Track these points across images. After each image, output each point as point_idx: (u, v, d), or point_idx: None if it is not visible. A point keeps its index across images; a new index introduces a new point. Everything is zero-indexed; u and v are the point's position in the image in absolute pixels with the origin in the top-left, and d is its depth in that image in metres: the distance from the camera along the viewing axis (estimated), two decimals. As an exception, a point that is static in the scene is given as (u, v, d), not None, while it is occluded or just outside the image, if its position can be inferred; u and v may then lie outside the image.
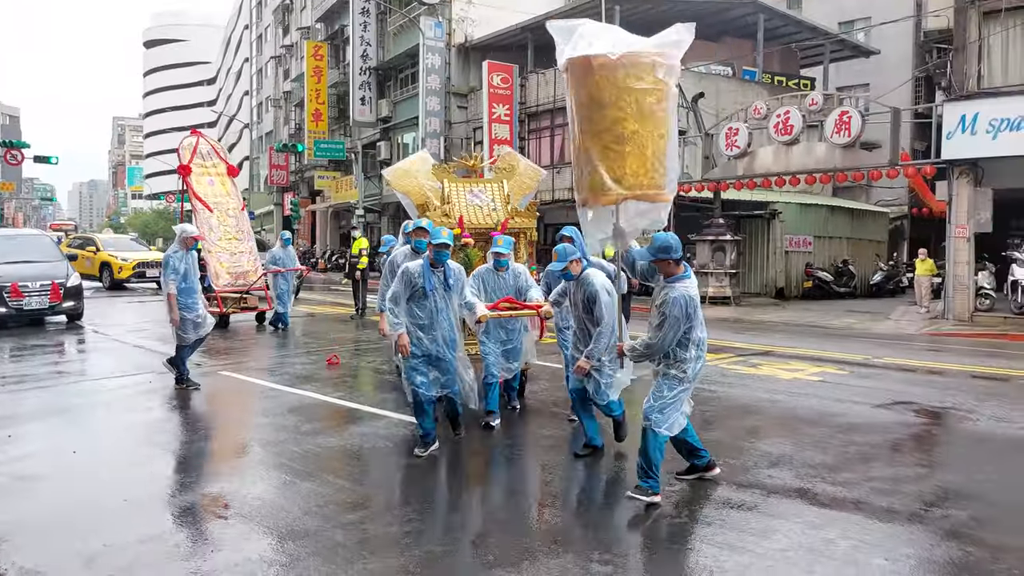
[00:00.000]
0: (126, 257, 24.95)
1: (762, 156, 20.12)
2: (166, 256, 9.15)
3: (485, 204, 8.86)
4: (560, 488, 6.02)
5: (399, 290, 6.31)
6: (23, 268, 14.93)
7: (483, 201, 8.84)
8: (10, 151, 40.27)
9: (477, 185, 8.98)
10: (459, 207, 8.68)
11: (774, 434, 7.44)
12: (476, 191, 8.86)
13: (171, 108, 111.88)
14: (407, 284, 6.31)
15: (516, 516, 5.42)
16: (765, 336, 14.85)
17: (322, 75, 41.37)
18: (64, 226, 64.65)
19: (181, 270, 8.94)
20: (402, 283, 6.31)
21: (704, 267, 21.14)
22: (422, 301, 6.36)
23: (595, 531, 5.06)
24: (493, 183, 9.22)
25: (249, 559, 4.47)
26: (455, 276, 6.52)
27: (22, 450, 6.73)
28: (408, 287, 6.31)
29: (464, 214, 8.62)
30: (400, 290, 6.31)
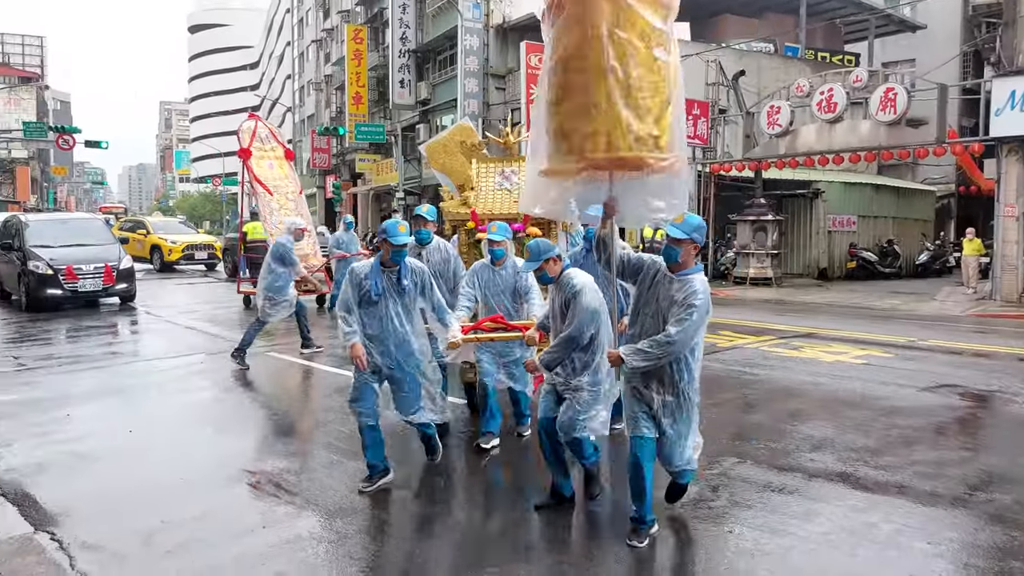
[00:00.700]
0: (175, 240, 25.47)
1: (805, 134, 19.83)
2: (280, 244, 9.90)
3: (516, 188, 7.67)
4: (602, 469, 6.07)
5: (349, 294, 5.38)
6: (77, 251, 15.35)
7: (514, 184, 7.68)
8: (62, 136, 41.26)
9: (510, 166, 7.85)
10: (485, 192, 7.61)
11: (816, 417, 7.42)
12: (508, 172, 7.85)
13: (215, 92, 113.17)
14: (355, 287, 5.37)
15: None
16: (807, 318, 14.71)
17: (362, 58, 41.53)
18: (114, 208, 65.84)
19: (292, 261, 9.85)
20: (350, 285, 5.39)
21: (745, 248, 20.96)
22: (370, 307, 5.37)
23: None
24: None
25: (299, 536, 4.63)
26: (413, 276, 5.43)
27: (80, 429, 6.99)
28: (356, 290, 5.38)
29: (487, 202, 7.56)
30: (350, 294, 5.38)
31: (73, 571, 4.20)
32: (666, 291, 4.32)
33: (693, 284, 4.29)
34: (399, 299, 5.39)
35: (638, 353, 4.29)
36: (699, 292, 4.25)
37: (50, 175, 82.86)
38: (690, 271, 4.35)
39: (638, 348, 4.30)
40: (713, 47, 25.19)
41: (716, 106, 23.41)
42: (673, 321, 4.22)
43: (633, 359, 4.30)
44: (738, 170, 21.24)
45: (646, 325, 4.39)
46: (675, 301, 4.26)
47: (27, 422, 7.16)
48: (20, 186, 68.27)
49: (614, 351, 4.43)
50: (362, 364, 5.28)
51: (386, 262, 5.35)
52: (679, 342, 4.21)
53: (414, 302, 5.49)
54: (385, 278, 5.35)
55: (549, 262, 4.95)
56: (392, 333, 5.38)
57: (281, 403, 8.46)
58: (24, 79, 77.27)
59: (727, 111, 23.70)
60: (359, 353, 5.28)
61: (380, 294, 5.33)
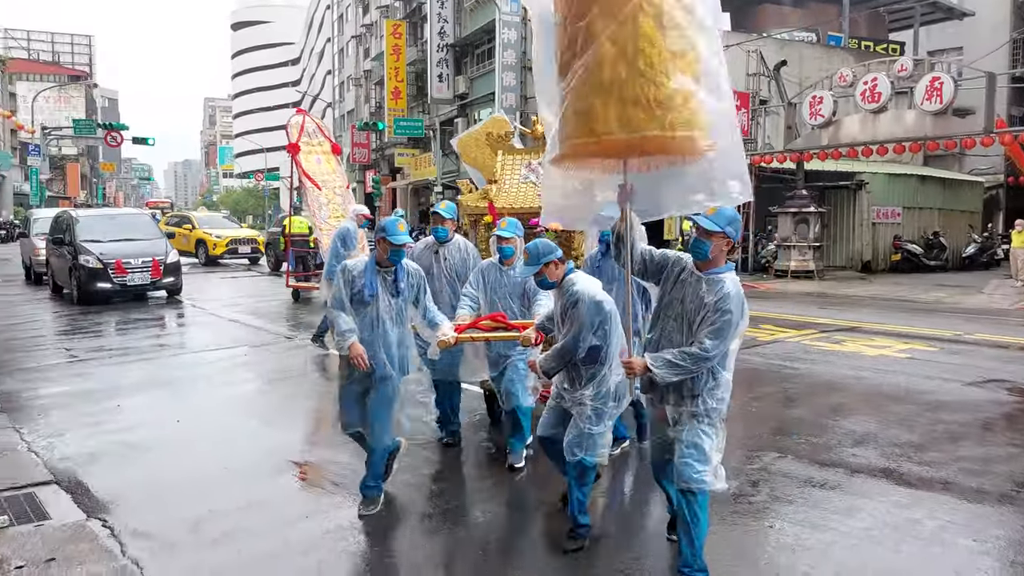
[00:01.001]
0: (220, 234, 25.89)
1: (848, 125, 19.52)
2: (344, 228, 10.07)
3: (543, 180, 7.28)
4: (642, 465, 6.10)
5: (342, 292, 5.00)
6: (126, 246, 15.70)
7: (541, 176, 7.11)
8: (110, 133, 42.25)
9: (538, 157, 7.31)
10: (509, 185, 7.17)
11: (859, 412, 7.33)
12: (535, 164, 7.35)
13: (258, 89, 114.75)
14: (347, 284, 4.97)
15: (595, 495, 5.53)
16: (850, 311, 14.50)
17: (401, 53, 41.78)
18: (160, 203, 66.98)
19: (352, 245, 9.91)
20: (343, 283, 4.99)
21: (786, 240, 20.71)
22: (361, 308, 4.96)
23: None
24: None
25: (341, 526, 4.73)
26: (409, 279, 5.05)
27: (130, 420, 7.17)
28: (348, 288, 4.98)
29: (510, 195, 7.06)
30: (343, 292, 5.00)
31: (124, 557, 4.33)
32: (693, 292, 3.84)
33: (724, 285, 3.78)
34: (392, 302, 4.99)
35: (668, 366, 3.76)
36: (731, 295, 3.76)
37: (99, 171, 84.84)
38: (720, 270, 3.83)
39: (668, 360, 3.77)
40: (754, 37, 24.89)
41: (757, 97, 23.14)
42: (707, 331, 3.71)
43: (662, 371, 3.77)
44: (779, 162, 20.98)
45: (668, 329, 3.92)
46: (704, 304, 3.76)
47: (79, 412, 7.37)
48: (71, 182, 70.09)
49: (638, 360, 3.85)
50: (363, 363, 4.83)
51: (382, 261, 4.96)
52: (714, 356, 3.75)
53: (407, 307, 5.10)
54: (380, 279, 4.95)
55: (550, 266, 4.46)
56: (382, 337, 4.95)
57: (324, 395, 8.59)
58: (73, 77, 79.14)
59: (768, 102, 23.41)
60: (359, 352, 4.83)
61: (373, 295, 4.93)
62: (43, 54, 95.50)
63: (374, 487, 4.99)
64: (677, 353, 3.77)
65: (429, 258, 6.23)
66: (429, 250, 6.30)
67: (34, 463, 5.91)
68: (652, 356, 3.82)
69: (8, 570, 4.24)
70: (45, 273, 17.89)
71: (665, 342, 3.90)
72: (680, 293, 3.89)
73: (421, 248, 6.34)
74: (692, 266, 3.90)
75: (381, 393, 4.95)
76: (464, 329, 5.24)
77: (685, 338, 3.84)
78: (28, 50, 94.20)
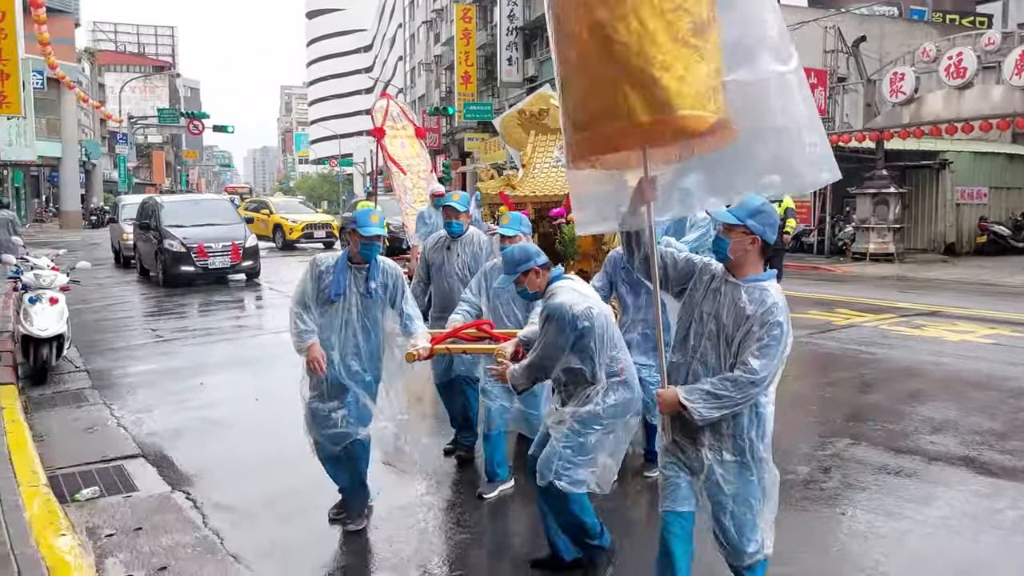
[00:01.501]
0: (296, 219, 26.49)
1: (931, 102, 18.81)
2: (423, 211, 10.38)
3: None
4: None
5: (307, 287, 4.50)
6: (207, 230, 16.24)
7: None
8: (192, 122, 43.73)
9: None
10: (539, 170, 6.42)
11: (938, 398, 7.14)
12: None
13: (332, 76, 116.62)
14: (314, 280, 4.50)
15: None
16: (932, 295, 14.03)
17: (471, 37, 41.88)
18: (239, 189, 68.80)
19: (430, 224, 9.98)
20: (309, 278, 4.52)
21: (865, 222, 20.11)
22: (325, 308, 4.47)
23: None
24: None
25: (411, 503, 4.89)
26: (383, 279, 4.53)
27: (212, 397, 7.48)
28: (314, 284, 4.49)
29: (536, 181, 6.27)
30: (308, 288, 4.50)
31: (206, 528, 4.56)
32: (729, 303, 3.11)
33: (768, 294, 3.07)
34: (362, 303, 4.49)
35: (708, 399, 3.02)
36: (780, 305, 3.05)
37: (182, 158, 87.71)
38: (760, 277, 3.14)
39: (706, 391, 3.03)
40: (832, 12, 24.12)
41: (835, 74, 22.48)
42: (754, 350, 3.00)
43: (701, 406, 3.02)
44: (858, 141, 20.34)
45: (700, 351, 3.16)
46: (746, 317, 3.05)
47: (165, 390, 7.72)
48: (156, 169, 72.83)
49: (669, 392, 3.12)
50: (321, 367, 4.37)
51: (355, 257, 4.47)
52: (765, 379, 3.01)
53: (381, 309, 4.56)
54: (351, 276, 4.47)
55: (529, 274, 3.83)
56: (346, 342, 4.48)
57: (395, 375, 8.75)
58: (158, 68, 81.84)
59: (846, 79, 22.72)
60: (317, 355, 4.35)
61: (340, 294, 4.44)
62: (129, 46, 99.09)
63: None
64: (717, 382, 3.03)
65: (441, 254, 5.73)
66: (441, 245, 5.77)
67: (123, 438, 6.24)
68: (686, 389, 3.08)
69: (100, 537, 4.51)
70: (133, 257, 18.67)
71: (698, 367, 3.16)
72: (712, 306, 3.16)
73: (433, 243, 5.85)
74: (724, 272, 3.19)
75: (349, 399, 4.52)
76: (442, 339, 4.53)
77: (723, 362, 3.10)
78: (115, 42, 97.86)
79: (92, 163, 49.05)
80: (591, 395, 3.65)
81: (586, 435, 3.64)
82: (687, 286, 3.26)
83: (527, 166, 6.37)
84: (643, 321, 4.99)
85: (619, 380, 3.66)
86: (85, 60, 53.74)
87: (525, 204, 5.99)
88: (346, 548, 4.40)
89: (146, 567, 4.14)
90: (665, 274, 3.29)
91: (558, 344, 3.59)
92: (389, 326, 4.64)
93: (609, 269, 5.14)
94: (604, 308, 3.74)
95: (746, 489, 3.13)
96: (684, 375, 3.19)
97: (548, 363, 3.65)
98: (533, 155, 6.42)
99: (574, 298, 3.63)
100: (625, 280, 5.03)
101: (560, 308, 3.58)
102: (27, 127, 32.10)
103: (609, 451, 3.70)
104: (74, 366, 8.74)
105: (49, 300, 8.03)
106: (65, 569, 3.86)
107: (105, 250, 23.36)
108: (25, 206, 41.18)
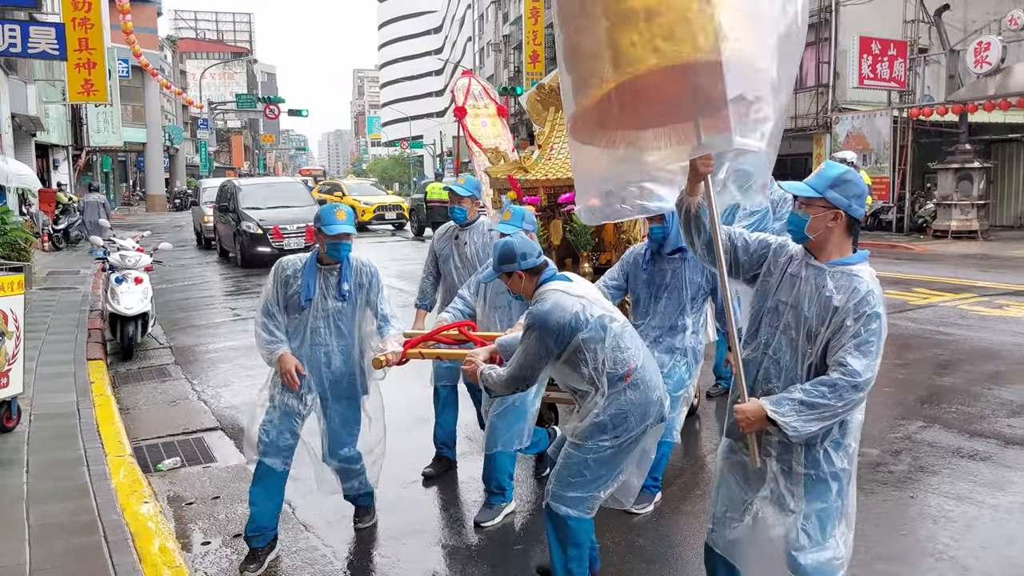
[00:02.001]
0: (368, 201, 26.89)
1: (1018, 72, 17.97)
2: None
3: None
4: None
5: (272, 294, 4.07)
6: (282, 212, 16.74)
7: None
8: (268, 106, 44.87)
9: None
10: (557, 151, 5.68)
11: (1017, 381, 6.91)
12: None
13: (402, 58, 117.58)
14: (280, 285, 4.07)
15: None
16: (1016, 274, 13.46)
17: (539, 16, 41.65)
18: (313, 171, 70.16)
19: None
20: (275, 283, 4.08)
21: (947, 198, 19.38)
22: (295, 316, 4.07)
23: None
24: None
25: (473, 477, 4.96)
26: (358, 279, 4.13)
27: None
28: (281, 290, 4.07)
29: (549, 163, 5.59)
30: (273, 295, 4.07)
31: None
32: (812, 291, 2.66)
33: (859, 280, 2.61)
34: (336, 308, 4.07)
35: (802, 410, 2.55)
36: (874, 293, 2.59)
37: (260, 143, 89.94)
38: (850, 260, 2.66)
39: (799, 401, 2.56)
40: (915, -20, 23.19)
41: (915, 45, 21.64)
42: (852, 348, 2.54)
43: (795, 420, 2.55)
44: (940, 114, 19.58)
45: (774, 346, 2.72)
46: (834, 309, 2.59)
47: (241, 365, 8.03)
48: (235, 153, 74.96)
49: (751, 406, 2.64)
50: (293, 381, 3.95)
51: (324, 258, 4.06)
52: (869, 382, 2.54)
53: (357, 314, 4.16)
54: (321, 279, 4.06)
55: (513, 276, 3.38)
56: (320, 348, 4.07)
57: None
58: (236, 54, 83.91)
59: (928, 50, 21.84)
60: (290, 367, 3.94)
61: (310, 299, 4.02)
62: (208, 33, 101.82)
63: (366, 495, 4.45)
64: (811, 388, 2.56)
65: (449, 245, 5.29)
66: (450, 234, 5.32)
67: (203, 411, 6.55)
68: (773, 401, 2.61)
69: (180, 505, 4.77)
70: (213, 238, 19.35)
71: (770, 367, 2.73)
72: (790, 294, 2.69)
73: (441, 234, 5.40)
74: (804, 255, 2.73)
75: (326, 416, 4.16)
76: (417, 343, 4.07)
77: (801, 360, 2.67)
78: (195, 30, 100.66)
79: (175, 148, 50.81)
80: (592, 406, 3.24)
81: (590, 453, 3.24)
82: (760, 271, 2.81)
83: (544, 147, 5.71)
84: (657, 328, 4.55)
85: (625, 384, 3.20)
86: (167, 48, 55.53)
87: (536, 189, 5.42)
88: (405, 517, 4.55)
89: (222, 533, 4.38)
90: (735, 258, 2.82)
91: (539, 354, 3.19)
92: (367, 329, 4.21)
93: (627, 267, 4.67)
94: (603, 309, 3.28)
95: (816, 496, 2.68)
96: (753, 375, 2.77)
97: (528, 374, 3.25)
98: (551, 134, 5.71)
99: (563, 303, 3.18)
100: (646, 281, 4.59)
101: (543, 316, 3.15)
102: (113, 114, 33.41)
103: (627, 468, 3.32)
104: (158, 343, 9.19)
105: (134, 280, 8.44)
106: (147, 535, 4.10)
107: (188, 232, 24.25)
108: (114, 190, 42.96)
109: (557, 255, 5.39)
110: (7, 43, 15.42)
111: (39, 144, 24.37)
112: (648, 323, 4.58)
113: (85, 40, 19.58)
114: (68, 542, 4.02)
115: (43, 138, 23.96)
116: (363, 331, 4.19)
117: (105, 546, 3.97)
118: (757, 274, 2.81)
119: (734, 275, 2.84)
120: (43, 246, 17.75)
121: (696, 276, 4.55)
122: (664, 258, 4.54)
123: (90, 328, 9.21)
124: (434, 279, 5.42)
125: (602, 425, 3.21)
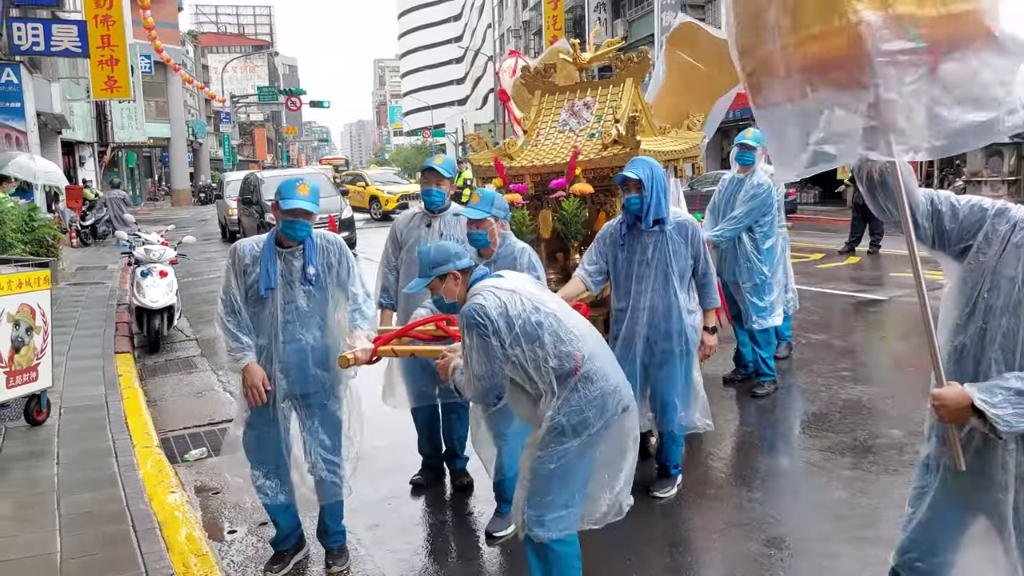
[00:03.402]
0: (391, 190, 26.99)
1: (1052, 44, 17.51)
2: None
3: (586, 127, 5.13)
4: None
5: (230, 286, 3.58)
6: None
7: (585, 122, 5.17)
8: (290, 98, 45.08)
9: (584, 96, 5.27)
10: (544, 136, 5.31)
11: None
12: (579, 106, 5.23)
13: (423, 47, 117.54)
14: (238, 274, 3.57)
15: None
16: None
17: (559, 1, 41.42)
18: (334, 160, 70.40)
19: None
20: (232, 271, 3.59)
21: (976, 175, 19.07)
22: (260, 308, 3.57)
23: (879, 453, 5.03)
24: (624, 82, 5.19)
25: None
26: (325, 258, 3.61)
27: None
28: (240, 279, 3.57)
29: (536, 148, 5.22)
30: (231, 286, 3.58)
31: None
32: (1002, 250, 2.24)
33: None
34: (301, 294, 3.56)
35: (1020, 400, 2.11)
36: None
37: (283, 135, 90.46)
38: None
39: (1016, 390, 2.12)
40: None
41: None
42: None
43: (1008, 412, 2.11)
44: (969, 89, 19.22)
45: (1001, 331, 2.24)
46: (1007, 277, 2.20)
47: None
48: (258, 146, 75.43)
49: (953, 392, 2.20)
50: (259, 397, 3.52)
51: (282, 239, 3.55)
52: None
53: (327, 299, 3.65)
54: (283, 264, 3.54)
55: (447, 279, 3.06)
56: (292, 345, 3.58)
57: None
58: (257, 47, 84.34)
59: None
60: (256, 380, 3.50)
61: (271, 288, 3.50)
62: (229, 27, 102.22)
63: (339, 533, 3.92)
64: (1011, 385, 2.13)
65: (418, 232, 4.49)
66: (419, 221, 4.54)
67: (229, 402, 6.61)
68: (983, 388, 2.16)
69: (208, 495, 4.83)
70: (238, 231, 19.46)
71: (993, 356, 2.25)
72: (1017, 267, 2.20)
73: (407, 220, 4.63)
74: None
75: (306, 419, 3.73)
76: (388, 339, 3.63)
77: (1021, 349, 2.20)
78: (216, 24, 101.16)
79: (199, 142, 51.21)
80: (545, 409, 2.93)
81: (553, 461, 2.91)
82: (973, 242, 2.30)
83: (529, 132, 5.38)
84: (646, 311, 4.18)
85: (576, 379, 2.89)
86: (188, 42, 55.90)
87: (523, 176, 5.03)
88: (422, 504, 4.57)
89: (248, 522, 4.43)
90: (940, 227, 2.32)
91: (490, 351, 2.86)
92: (341, 316, 3.70)
93: (604, 246, 4.28)
94: (536, 302, 2.95)
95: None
96: (971, 367, 2.28)
97: (495, 380, 2.93)
98: (537, 119, 5.40)
99: (497, 295, 2.91)
100: (626, 259, 4.21)
101: (475, 310, 2.86)
102: (137, 110, 33.77)
103: (601, 469, 3.02)
104: (184, 335, 9.29)
105: (159, 273, 8.53)
106: (174, 523, 4.16)
107: (213, 225, 24.44)
108: (140, 186, 43.45)
109: (547, 249, 5.05)
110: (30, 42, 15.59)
111: (65, 141, 24.69)
112: (633, 306, 4.22)
113: (107, 37, 19.78)
114: (98, 531, 4.09)
115: (68, 135, 24.27)
116: (336, 317, 3.68)
117: (133, 535, 4.03)
118: (969, 245, 2.30)
119: (939, 248, 2.36)
120: (71, 242, 18.01)
121: (681, 248, 4.16)
122: (643, 232, 4.16)
123: (118, 322, 9.34)
124: (398, 272, 4.58)
125: (560, 427, 2.89)
